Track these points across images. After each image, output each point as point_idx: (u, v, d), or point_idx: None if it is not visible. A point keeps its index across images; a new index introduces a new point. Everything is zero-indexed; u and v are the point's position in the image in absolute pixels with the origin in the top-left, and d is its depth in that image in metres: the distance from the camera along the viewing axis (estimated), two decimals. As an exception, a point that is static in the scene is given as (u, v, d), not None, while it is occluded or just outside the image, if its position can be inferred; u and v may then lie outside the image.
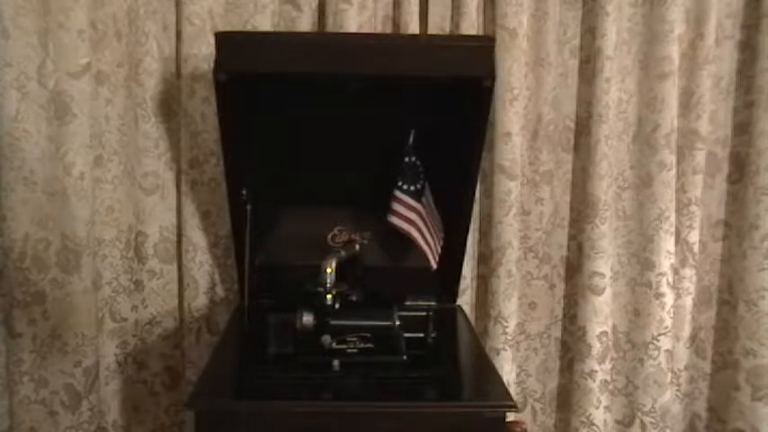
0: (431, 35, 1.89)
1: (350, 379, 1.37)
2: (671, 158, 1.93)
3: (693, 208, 1.99)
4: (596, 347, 1.98)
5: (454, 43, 1.67)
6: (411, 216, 1.67)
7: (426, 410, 1.31)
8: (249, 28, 1.86)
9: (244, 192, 1.63)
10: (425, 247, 1.69)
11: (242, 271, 1.75)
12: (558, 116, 2.00)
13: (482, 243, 2.06)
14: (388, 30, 1.93)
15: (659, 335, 1.98)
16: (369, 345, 1.43)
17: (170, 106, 1.91)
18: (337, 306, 1.43)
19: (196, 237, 1.94)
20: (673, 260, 1.97)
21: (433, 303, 1.73)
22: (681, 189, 1.98)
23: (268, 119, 1.69)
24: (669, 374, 2.01)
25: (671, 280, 1.97)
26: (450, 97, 1.63)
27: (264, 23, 1.86)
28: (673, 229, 1.96)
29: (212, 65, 1.48)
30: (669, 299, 1.97)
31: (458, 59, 1.50)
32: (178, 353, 2.03)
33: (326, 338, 1.39)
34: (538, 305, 2.09)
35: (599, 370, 1.99)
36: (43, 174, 1.77)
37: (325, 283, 1.42)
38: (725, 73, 1.99)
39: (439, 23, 1.92)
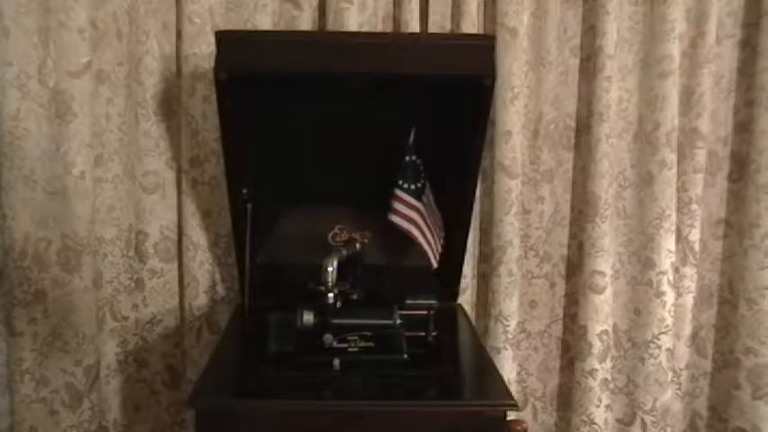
0: (431, 34, 1.89)
1: (350, 378, 1.37)
2: (671, 157, 1.93)
3: (694, 206, 1.98)
4: (597, 346, 1.98)
5: (455, 42, 1.67)
6: (412, 215, 1.66)
7: (427, 409, 1.31)
8: (249, 27, 1.86)
9: (244, 191, 1.63)
10: (426, 246, 1.69)
11: (242, 270, 1.75)
12: (558, 115, 2.00)
13: (483, 242, 2.06)
14: (389, 29, 1.92)
15: (660, 333, 1.98)
16: (369, 343, 1.43)
17: (170, 105, 1.91)
18: (338, 305, 1.43)
19: (197, 236, 1.94)
20: (673, 259, 1.97)
21: (433, 302, 1.72)
22: (681, 188, 1.98)
23: (268, 118, 1.69)
24: (670, 373, 2.01)
25: (671, 279, 1.97)
26: (450, 96, 1.62)
27: (265, 22, 1.86)
28: (673, 228, 1.96)
29: (213, 64, 1.48)
30: (670, 297, 1.97)
31: (458, 58, 1.50)
32: (179, 352, 2.03)
33: (328, 337, 1.39)
34: (538, 304, 2.09)
35: (600, 369, 1.99)
36: (44, 173, 1.77)
37: (327, 282, 1.42)
38: (725, 71, 1.99)
39: (439, 22, 1.92)
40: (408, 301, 1.70)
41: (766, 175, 1.91)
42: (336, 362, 1.38)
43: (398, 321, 1.45)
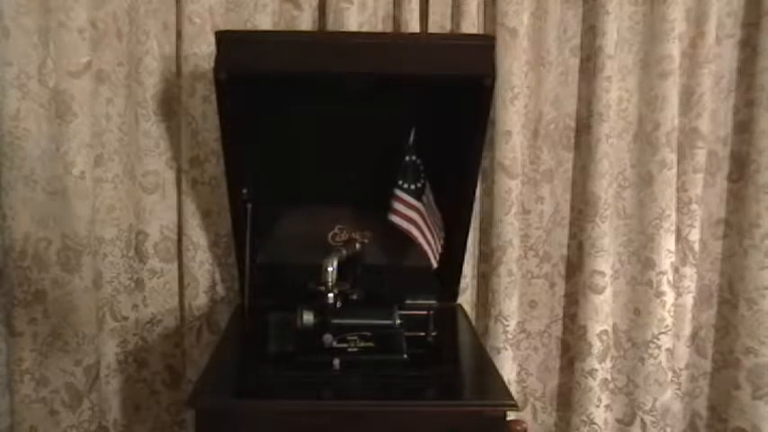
0: (431, 34, 1.89)
1: (350, 378, 1.37)
2: (671, 157, 1.93)
3: (694, 206, 1.98)
4: (597, 346, 1.98)
5: (455, 42, 1.67)
6: (411, 215, 1.66)
7: (427, 409, 1.31)
8: (249, 27, 1.86)
9: (244, 191, 1.63)
10: (426, 246, 1.69)
11: (242, 270, 1.75)
12: (558, 115, 2.00)
13: (482, 242, 2.06)
14: (389, 29, 1.92)
15: (660, 333, 1.98)
16: (369, 343, 1.43)
17: (170, 105, 1.91)
18: (338, 305, 1.43)
19: (196, 236, 1.94)
20: (673, 259, 1.97)
21: (433, 302, 1.73)
22: (681, 188, 1.98)
23: (268, 118, 1.69)
24: (670, 373, 2.01)
25: (671, 279, 1.97)
26: (450, 96, 1.62)
27: (265, 22, 1.86)
28: (673, 228, 1.96)
29: (213, 64, 1.48)
30: (670, 297, 1.97)
31: (458, 58, 1.50)
32: (179, 352, 2.03)
33: (328, 337, 1.39)
34: (538, 304, 2.09)
35: (599, 369, 1.99)
36: (44, 173, 1.77)
37: (327, 282, 1.42)
38: (725, 71, 1.99)
39: (439, 22, 1.92)
40: (408, 301, 1.70)
41: (766, 175, 1.91)
42: (336, 362, 1.39)
43: (398, 321, 1.45)
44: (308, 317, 1.40)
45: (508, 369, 2.01)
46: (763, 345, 1.94)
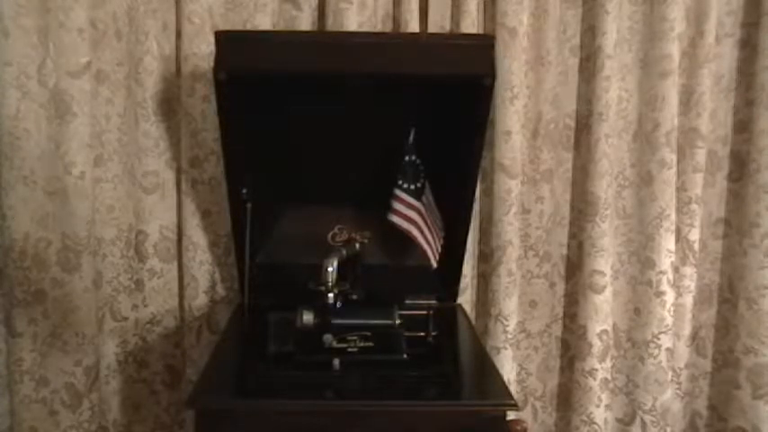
0: (431, 34, 1.89)
1: (350, 378, 1.37)
2: (671, 157, 1.93)
3: (694, 206, 1.99)
4: (597, 346, 1.98)
5: (454, 42, 1.67)
6: (411, 215, 1.66)
7: (426, 409, 1.31)
8: (249, 27, 1.86)
9: (244, 190, 1.63)
10: (426, 246, 1.69)
11: (242, 270, 1.75)
12: (558, 114, 2.00)
13: (482, 242, 2.06)
14: (389, 28, 1.92)
15: (660, 333, 1.98)
16: (369, 343, 1.43)
17: (170, 105, 1.91)
18: (338, 305, 1.43)
19: (196, 236, 1.94)
20: (673, 258, 1.97)
21: (433, 302, 1.73)
22: (681, 187, 1.98)
23: (268, 118, 1.69)
24: (670, 373, 2.01)
25: (671, 278, 1.97)
26: (450, 96, 1.62)
27: (264, 22, 1.86)
28: (673, 228, 1.96)
29: (212, 64, 1.48)
30: (670, 297, 1.97)
31: (458, 58, 1.50)
32: (178, 352, 2.03)
33: (328, 337, 1.39)
34: (538, 304, 2.09)
35: (599, 368, 1.99)
36: (43, 173, 1.77)
37: (327, 282, 1.42)
38: (725, 71, 1.99)
39: (439, 22, 1.92)
40: (408, 301, 1.70)
41: (766, 174, 1.91)
42: (336, 362, 1.38)
43: (398, 321, 1.45)
44: (307, 317, 1.40)
45: (508, 369, 2.01)
46: (763, 344, 1.94)
